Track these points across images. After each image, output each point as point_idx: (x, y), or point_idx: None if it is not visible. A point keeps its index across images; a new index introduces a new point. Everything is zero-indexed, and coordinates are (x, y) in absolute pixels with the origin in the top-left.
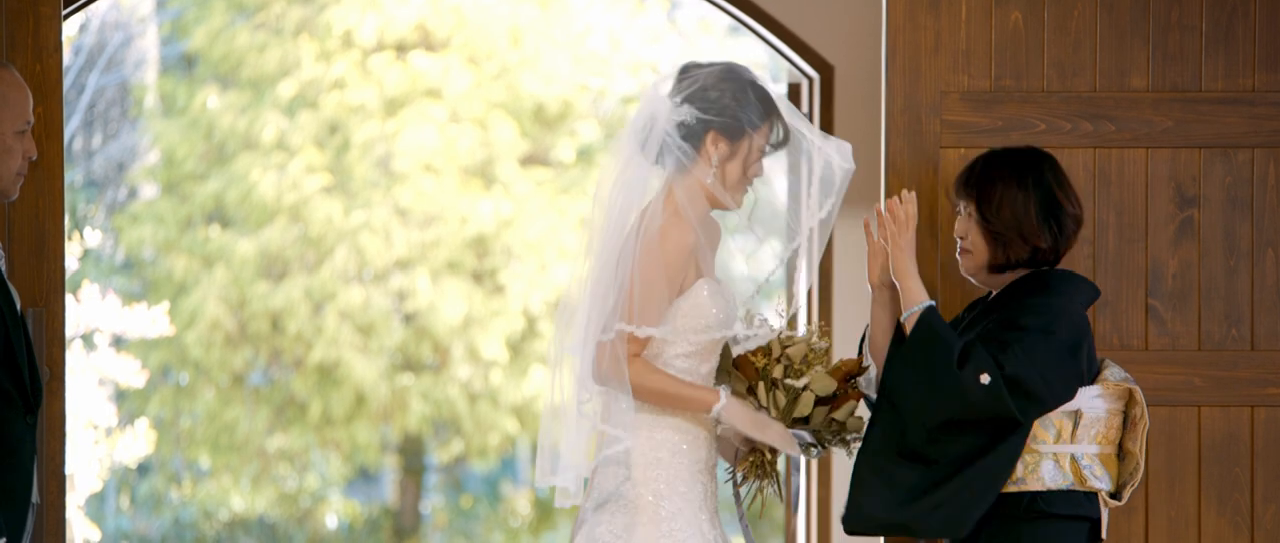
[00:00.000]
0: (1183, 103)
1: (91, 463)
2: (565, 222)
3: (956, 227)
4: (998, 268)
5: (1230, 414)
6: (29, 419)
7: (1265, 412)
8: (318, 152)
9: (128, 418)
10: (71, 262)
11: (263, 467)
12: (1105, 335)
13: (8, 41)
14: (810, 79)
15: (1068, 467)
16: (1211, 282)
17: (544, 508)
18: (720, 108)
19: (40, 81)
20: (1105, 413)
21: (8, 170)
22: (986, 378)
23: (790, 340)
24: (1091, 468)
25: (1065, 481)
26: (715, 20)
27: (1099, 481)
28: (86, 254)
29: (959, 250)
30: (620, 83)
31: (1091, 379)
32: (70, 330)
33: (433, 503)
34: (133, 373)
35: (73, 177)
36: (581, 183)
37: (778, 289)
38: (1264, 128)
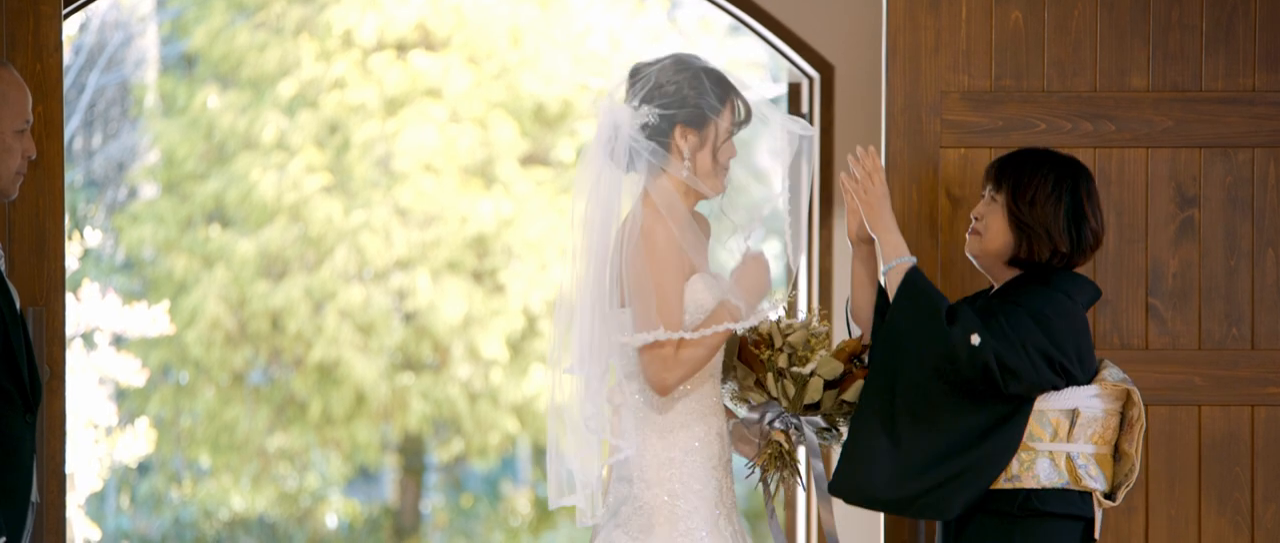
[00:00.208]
0: (1183, 102)
1: (92, 462)
2: (565, 221)
3: (976, 209)
4: (1014, 260)
5: (1230, 414)
6: (28, 418)
7: (1266, 411)
8: (318, 151)
9: (128, 417)
10: (72, 261)
11: (263, 466)
12: (1106, 335)
13: (8, 40)
14: (810, 79)
15: (1063, 465)
16: (1212, 281)
17: (544, 508)
18: (680, 100)
19: (40, 81)
20: (1102, 413)
21: (7, 169)
22: (977, 339)
23: (789, 328)
24: (1087, 468)
25: (1060, 479)
26: (715, 20)
27: (1094, 481)
28: (87, 253)
29: (970, 230)
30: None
31: (1089, 379)
32: (70, 330)
33: (433, 503)
34: (133, 372)
35: (73, 176)
36: (574, 217)
37: (778, 287)
38: (1264, 127)
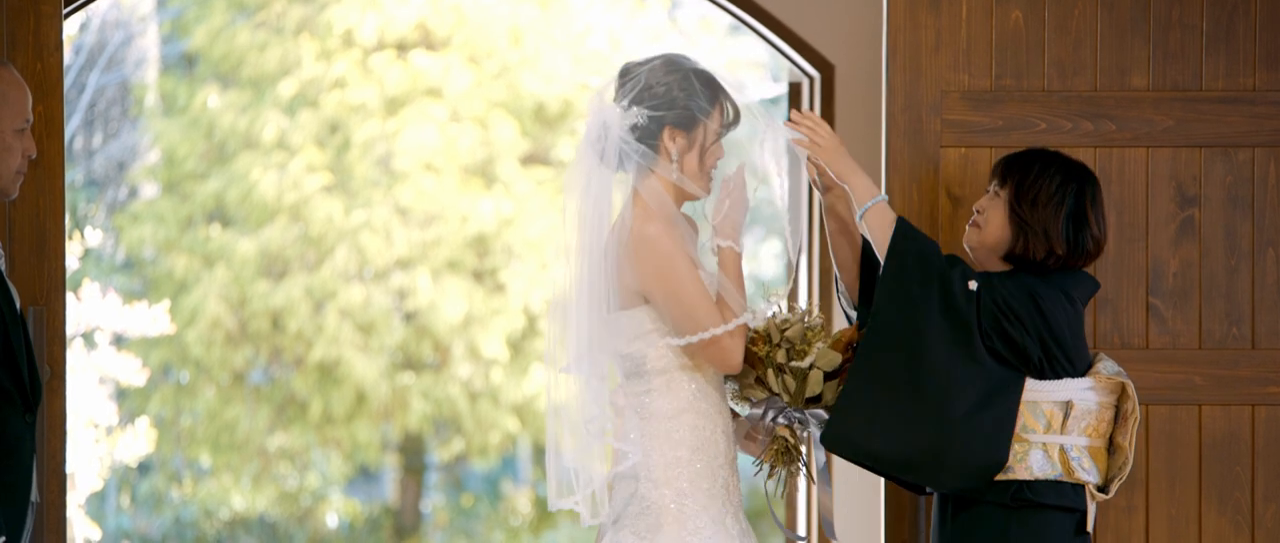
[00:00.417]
0: (1183, 102)
1: (92, 462)
2: (562, 234)
3: (979, 202)
4: (1009, 256)
5: (1231, 413)
6: (28, 418)
7: (1266, 411)
8: (318, 150)
9: (128, 417)
10: (72, 260)
11: (263, 466)
12: (1106, 334)
13: (9, 40)
14: (811, 78)
15: (1056, 457)
16: (1212, 281)
17: (545, 508)
18: (669, 101)
19: (41, 80)
20: (1096, 406)
21: (7, 169)
22: (974, 285)
23: (786, 323)
24: (1080, 460)
25: (1053, 471)
26: (716, 19)
27: (1087, 473)
28: (87, 253)
29: (970, 222)
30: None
31: (1083, 372)
32: (71, 329)
33: (433, 502)
34: (133, 372)
35: (73, 175)
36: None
37: (777, 287)
38: (1264, 127)
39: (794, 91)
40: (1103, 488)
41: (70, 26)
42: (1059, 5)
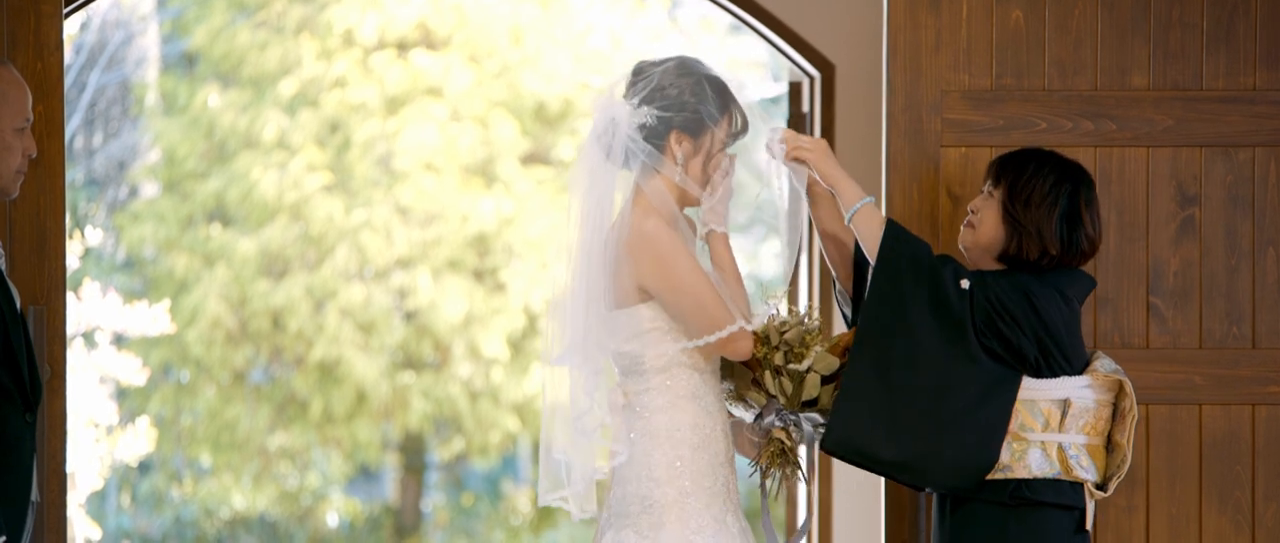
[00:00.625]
0: (1184, 101)
1: (92, 461)
2: (565, 219)
3: (973, 202)
4: (1003, 256)
5: (1231, 413)
6: (28, 417)
7: (1266, 410)
8: (318, 150)
9: (129, 416)
10: (72, 260)
11: (264, 465)
12: (1106, 334)
13: (9, 39)
14: (811, 78)
15: (1054, 455)
16: (1212, 280)
17: (545, 507)
18: (680, 104)
19: (41, 79)
20: (1094, 404)
21: (8, 168)
22: (966, 283)
23: (785, 325)
24: (1078, 458)
25: (1052, 469)
26: (716, 18)
27: (1085, 471)
28: (87, 252)
29: (965, 223)
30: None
31: (1080, 370)
32: (71, 329)
33: (434, 501)
34: (134, 371)
35: (74, 175)
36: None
37: (778, 287)
38: (1265, 126)
39: (794, 91)
40: (1101, 486)
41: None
42: (1059, 5)
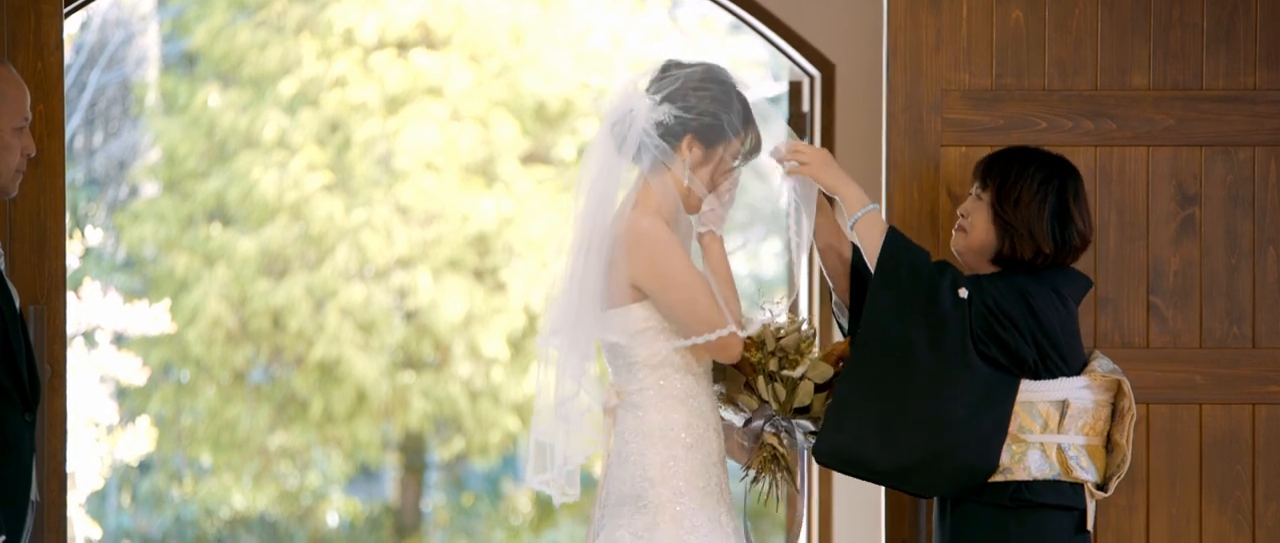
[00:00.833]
0: (1184, 101)
1: (93, 461)
2: (566, 219)
3: (963, 205)
4: (997, 258)
5: (1231, 412)
6: (27, 417)
7: (1266, 410)
8: (319, 149)
9: (129, 416)
10: (73, 259)
11: (264, 465)
12: (1107, 333)
13: (9, 39)
14: (811, 77)
15: (1054, 457)
16: (1213, 279)
17: (545, 506)
18: (701, 110)
19: (41, 79)
20: (1092, 405)
21: (7, 167)
22: (965, 293)
23: (782, 331)
24: (1078, 459)
25: (1051, 471)
26: (717, 18)
27: (1085, 472)
28: (88, 252)
29: (956, 227)
30: (621, 81)
31: (1078, 370)
32: (71, 328)
33: (434, 501)
34: (134, 371)
35: (74, 174)
36: (574, 194)
37: (778, 287)
38: (1265, 126)
39: (794, 90)
40: (1101, 486)
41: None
42: (1059, 4)
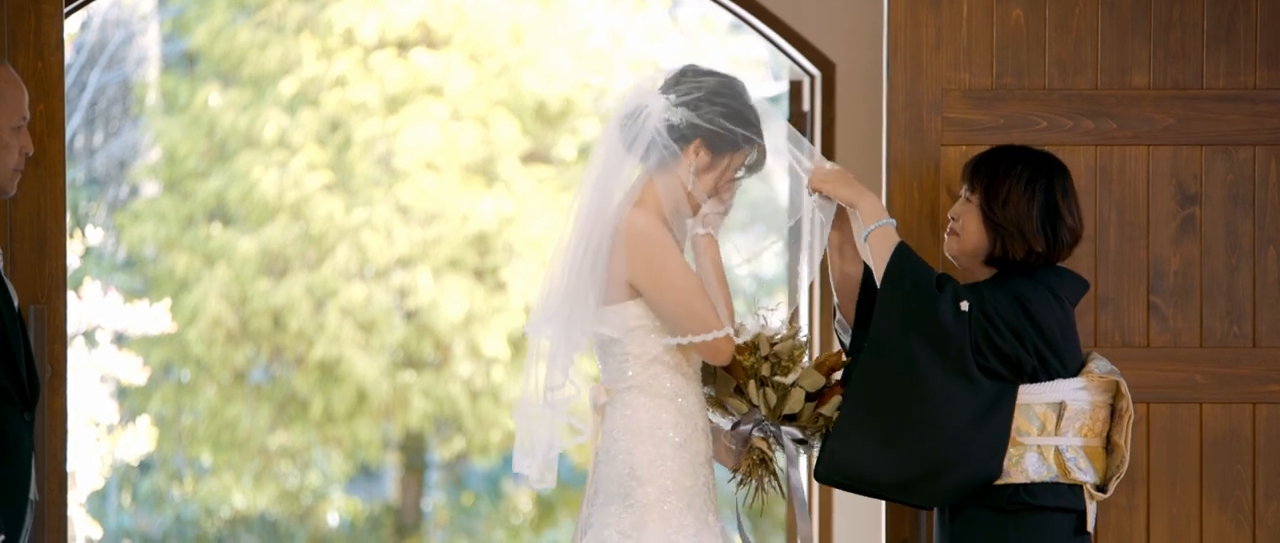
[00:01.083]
0: (1184, 100)
1: (93, 460)
2: (568, 212)
3: (953, 208)
4: (990, 260)
5: (1232, 412)
6: (26, 416)
7: (1267, 409)
8: (319, 149)
9: (129, 415)
10: (73, 259)
11: (264, 464)
12: (1107, 333)
13: (9, 38)
14: (811, 76)
15: (1052, 459)
16: (1213, 279)
17: (546, 506)
18: (713, 118)
19: (42, 79)
20: (1090, 406)
21: (5, 166)
22: (966, 306)
23: (777, 337)
24: (1076, 460)
25: (1049, 473)
26: (717, 17)
27: (1083, 473)
28: (88, 251)
29: (948, 230)
30: (622, 80)
31: (1074, 372)
32: (72, 328)
33: (434, 500)
34: (134, 370)
35: (74, 174)
36: (579, 183)
37: (778, 287)
38: (1265, 125)
39: (795, 90)
40: (1101, 487)
41: (71, 25)
42: (1059, 4)
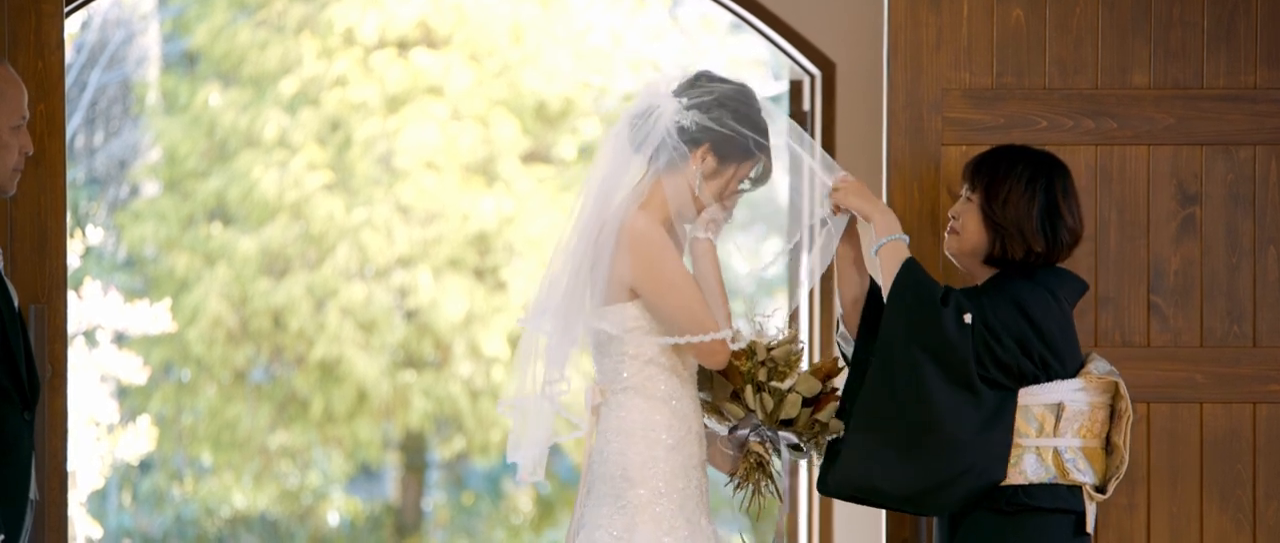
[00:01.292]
0: (1184, 100)
1: (93, 460)
2: (570, 210)
3: (954, 208)
4: (990, 260)
5: (1232, 411)
6: (26, 416)
7: (1267, 409)
8: (319, 149)
9: (129, 415)
10: (73, 259)
11: (264, 464)
12: (1107, 332)
13: (10, 38)
14: (812, 76)
15: (1050, 460)
16: (1213, 278)
17: (546, 505)
18: (724, 125)
19: (42, 78)
20: (1088, 407)
21: (5, 166)
22: (970, 318)
23: (774, 343)
24: (1074, 461)
25: (1047, 474)
26: (717, 17)
27: (1082, 474)
28: (88, 251)
29: (948, 229)
30: (622, 80)
31: (1073, 373)
32: (72, 328)
33: (434, 500)
34: (134, 370)
35: (75, 174)
36: (583, 180)
37: (778, 287)
38: (1265, 125)
39: (795, 89)
40: (1100, 488)
41: (71, 25)
42: (1060, 3)
